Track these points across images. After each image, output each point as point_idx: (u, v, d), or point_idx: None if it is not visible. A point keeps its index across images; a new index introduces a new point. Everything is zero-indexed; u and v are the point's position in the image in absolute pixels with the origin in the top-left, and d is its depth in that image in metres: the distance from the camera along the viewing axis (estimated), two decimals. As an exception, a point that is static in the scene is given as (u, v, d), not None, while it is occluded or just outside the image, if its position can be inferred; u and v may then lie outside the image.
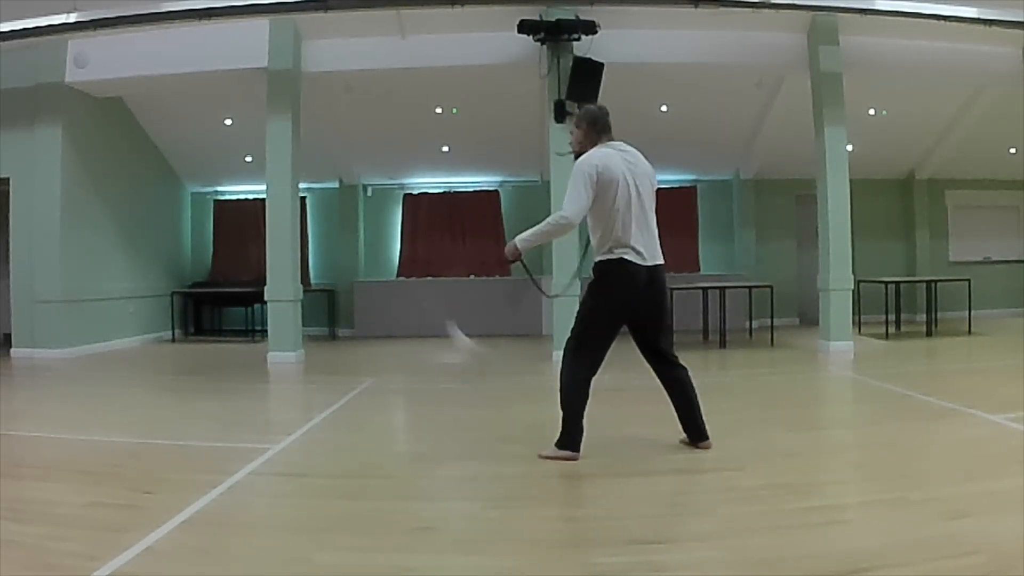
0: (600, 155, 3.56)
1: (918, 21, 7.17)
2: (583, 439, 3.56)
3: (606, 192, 3.49)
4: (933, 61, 8.12)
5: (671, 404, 3.73)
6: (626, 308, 3.55)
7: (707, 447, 3.67)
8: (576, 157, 3.68)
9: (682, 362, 3.73)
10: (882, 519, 2.60)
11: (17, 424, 4.51)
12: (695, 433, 3.71)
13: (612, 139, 3.68)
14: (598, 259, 3.58)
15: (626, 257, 3.50)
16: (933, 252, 11.52)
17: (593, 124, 3.66)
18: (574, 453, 3.55)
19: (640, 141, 3.87)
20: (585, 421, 3.57)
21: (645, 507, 2.89)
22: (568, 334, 3.67)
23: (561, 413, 3.59)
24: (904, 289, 10.10)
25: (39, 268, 8.17)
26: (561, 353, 3.71)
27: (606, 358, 3.61)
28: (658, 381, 3.74)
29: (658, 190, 3.81)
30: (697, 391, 3.72)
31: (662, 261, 3.62)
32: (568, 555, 2.38)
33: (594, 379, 3.62)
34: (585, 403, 3.57)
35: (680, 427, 3.74)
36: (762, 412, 4.79)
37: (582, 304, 3.64)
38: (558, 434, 3.60)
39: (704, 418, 3.71)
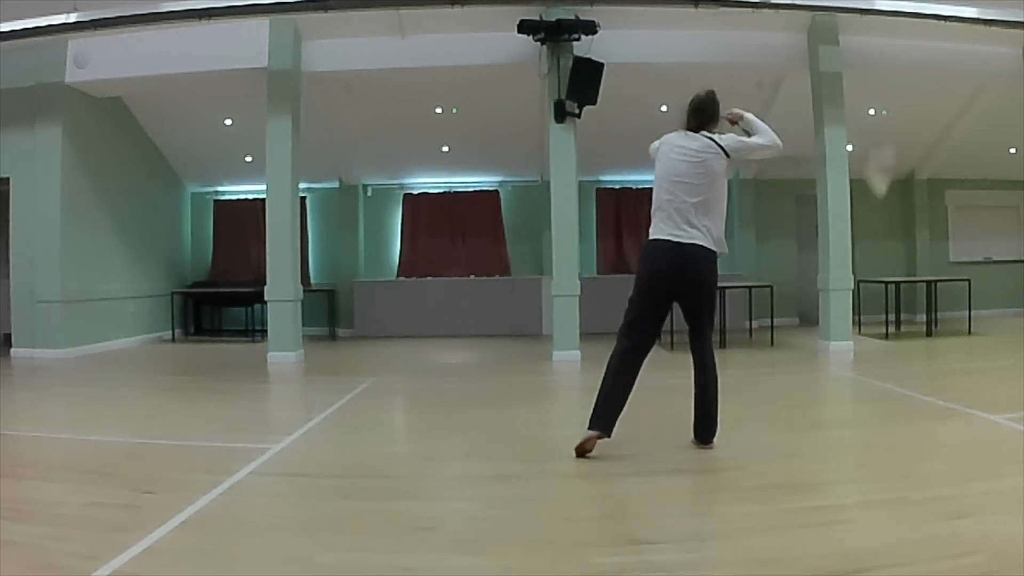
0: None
1: (918, 21, 7.17)
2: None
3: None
4: (933, 61, 8.11)
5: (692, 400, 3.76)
6: (655, 285, 3.61)
7: (705, 449, 3.67)
8: None
9: (716, 368, 3.69)
10: (882, 519, 2.60)
11: (17, 424, 4.50)
12: (697, 434, 3.72)
13: (700, 128, 3.75)
14: None
15: (653, 237, 3.64)
16: (933, 252, 11.52)
17: (690, 109, 3.77)
18: (596, 432, 3.50)
19: (640, 141, 3.89)
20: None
21: (645, 507, 2.89)
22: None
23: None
24: (904, 289, 10.10)
25: (39, 268, 8.16)
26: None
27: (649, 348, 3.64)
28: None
29: None
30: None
31: (701, 242, 3.59)
32: (568, 555, 2.38)
33: (594, 378, 3.64)
34: (616, 384, 3.56)
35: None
36: (762, 412, 4.79)
37: None
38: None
39: (717, 426, 3.69)
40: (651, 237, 3.66)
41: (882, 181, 4.55)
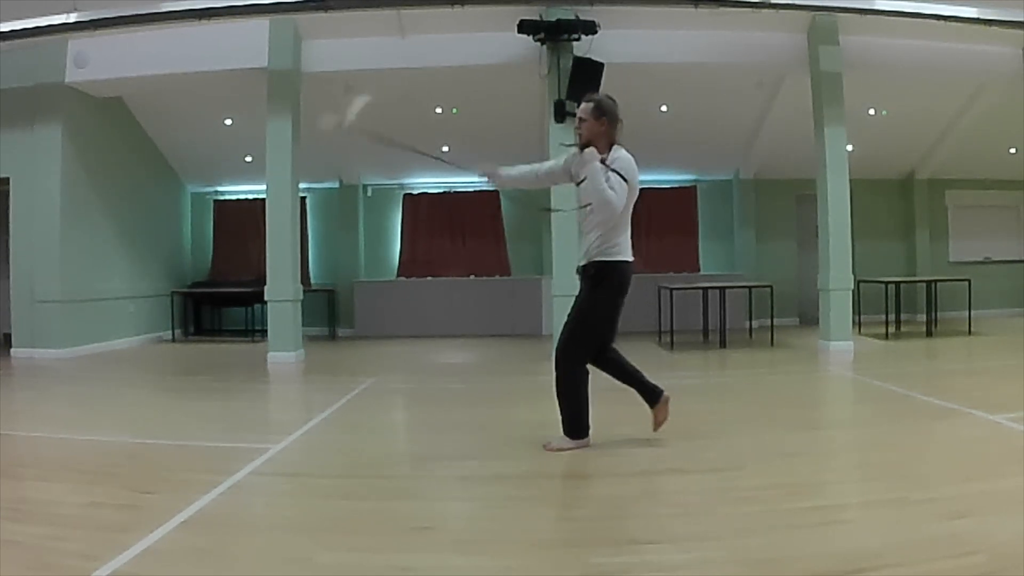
0: (628, 156, 3.66)
1: (918, 21, 7.17)
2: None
3: (631, 194, 3.63)
4: (933, 61, 8.12)
5: (623, 384, 3.84)
6: (621, 304, 3.72)
7: (667, 402, 3.79)
8: (582, 149, 3.70)
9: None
10: (882, 519, 2.60)
11: (17, 424, 4.51)
12: (651, 395, 3.80)
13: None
14: (602, 259, 3.64)
15: (627, 259, 3.66)
16: (933, 252, 11.52)
17: (614, 121, 3.68)
18: (586, 439, 3.70)
19: (640, 141, 3.90)
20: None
21: (645, 507, 2.89)
22: (565, 334, 3.74)
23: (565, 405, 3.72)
24: (904, 289, 10.10)
25: (39, 268, 8.16)
26: (560, 353, 3.76)
27: None
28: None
29: (658, 190, 3.89)
30: (696, 391, 3.81)
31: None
32: (568, 555, 2.38)
33: (593, 378, 3.69)
34: (587, 397, 3.74)
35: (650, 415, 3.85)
36: (762, 412, 4.79)
37: (582, 304, 3.69)
38: (565, 425, 3.72)
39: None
40: (630, 259, 3.67)
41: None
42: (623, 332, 3.73)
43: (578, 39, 7.36)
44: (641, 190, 3.80)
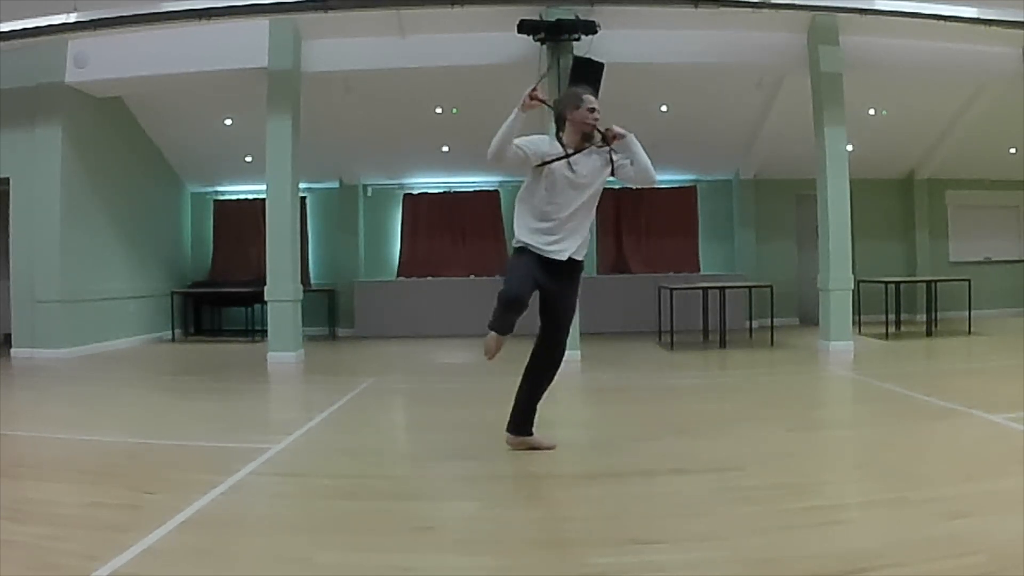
0: None
1: (918, 21, 7.17)
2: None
3: None
4: (933, 61, 8.12)
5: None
6: None
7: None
8: (601, 139, 3.81)
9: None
10: (882, 519, 2.60)
11: (17, 424, 4.51)
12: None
13: None
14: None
15: None
16: (933, 252, 11.52)
17: None
18: None
19: (640, 141, 3.90)
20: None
21: (645, 507, 2.89)
22: (565, 330, 3.86)
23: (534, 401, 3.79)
24: (904, 289, 10.10)
25: (39, 268, 8.16)
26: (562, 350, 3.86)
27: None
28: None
29: (658, 190, 3.96)
30: (696, 391, 3.83)
31: None
32: (568, 555, 2.38)
33: (594, 378, 3.69)
34: None
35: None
36: (762, 412, 4.79)
37: (574, 296, 3.84)
38: (529, 421, 3.79)
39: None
40: None
41: None
42: (624, 332, 3.74)
43: (578, 39, 7.35)
44: (639, 191, 3.83)
